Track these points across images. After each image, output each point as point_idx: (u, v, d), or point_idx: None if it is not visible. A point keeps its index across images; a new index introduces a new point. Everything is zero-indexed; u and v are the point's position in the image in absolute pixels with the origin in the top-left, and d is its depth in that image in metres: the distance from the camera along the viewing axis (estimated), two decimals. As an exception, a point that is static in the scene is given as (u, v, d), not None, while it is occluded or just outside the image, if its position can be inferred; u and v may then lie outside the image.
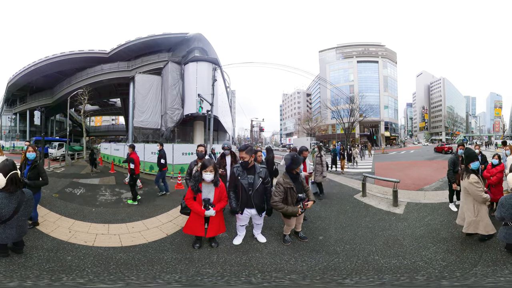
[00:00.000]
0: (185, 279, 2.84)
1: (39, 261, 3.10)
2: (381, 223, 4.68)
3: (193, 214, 3.55)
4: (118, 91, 31.76)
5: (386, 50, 60.43)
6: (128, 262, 3.20)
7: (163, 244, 3.79)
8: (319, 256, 3.39)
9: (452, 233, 4.03)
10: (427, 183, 8.65)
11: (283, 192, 3.43)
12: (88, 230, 4.37)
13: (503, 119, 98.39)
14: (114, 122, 68.60)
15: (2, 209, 2.72)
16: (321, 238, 4.01)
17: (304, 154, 5.25)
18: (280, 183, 3.49)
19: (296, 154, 3.93)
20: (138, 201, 6.28)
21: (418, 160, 18.48)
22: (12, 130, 38.22)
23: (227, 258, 3.31)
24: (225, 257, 3.34)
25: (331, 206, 5.87)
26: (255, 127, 56.78)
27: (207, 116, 15.28)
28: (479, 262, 3.06)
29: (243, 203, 3.56)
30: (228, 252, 3.50)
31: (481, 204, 3.52)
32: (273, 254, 3.46)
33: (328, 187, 8.26)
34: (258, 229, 3.91)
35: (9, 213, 2.76)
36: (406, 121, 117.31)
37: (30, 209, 3.10)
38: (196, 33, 25.42)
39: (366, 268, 3.06)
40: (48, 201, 6.05)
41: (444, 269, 2.96)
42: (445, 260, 3.16)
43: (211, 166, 3.40)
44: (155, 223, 4.79)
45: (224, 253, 3.46)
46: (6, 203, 2.76)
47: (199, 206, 3.41)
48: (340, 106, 44.28)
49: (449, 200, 5.49)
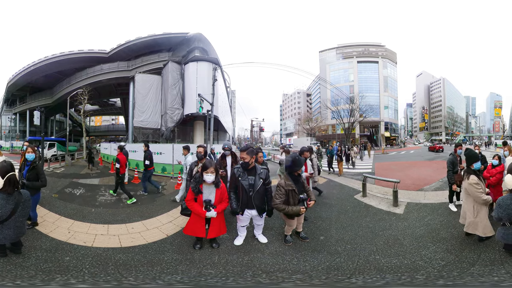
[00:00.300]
0: (188, 279, 2.82)
1: (36, 261, 3.10)
2: (382, 223, 4.70)
3: (193, 215, 3.53)
4: (118, 91, 31.74)
5: (386, 50, 60.45)
6: (127, 263, 3.19)
7: (163, 245, 3.77)
8: (321, 256, 3.39)
9: (451, 233, 4.06)
10: (427, 183, 8.66)
11: (284, 195, 3.43)
12: (88, 230, 4.36)
13: (503, 119, 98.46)
14: (114, 122, 68.59)
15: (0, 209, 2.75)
16: (322, 238, 4.03)
17: (305, 155, 5.20)
18: (282, 185, 3.48)
19: (297, 155, 3.91)
20: (137, 198, 6.30)
21: (418, 161, 18.46)
22: (12, 130, 38.21)
23: (228, 259, 3.30)
24: (226, 257, 3.34)
25: (332, 207, 5.87)
26: (255, 127, 56.80)
27: (207, 116, 15.28)
28: (477, 262, 3.10)
29: (243, 204, 3.56)
30: (230, 252, 3.49)
31: (481, 206, 3.53)
32: (275, 254, 3.46)
33: (329, 187, 8.28)
34: (259, 230, 3.91)
35: (7, 214, 2.79)
36: (406, 121, 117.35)
37: (27, 210, 3.12)
38: (197, 33, 25.40)
39: (368, 267, 3.06)
40: (48, 201, 6.04)
41: (443, 268, 2.99)
42: (444, 260, 3.19)
43: (212, 167, 3.39)
44: (155, 223, 4.78)
45: (226, 253, 3.45)
46: (3, 204, 2.79)
47: (200, 208, 3.39)
48: (340, 106, 44.25)
49: (449, 201, 5.50)
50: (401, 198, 6.08)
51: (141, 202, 6.37)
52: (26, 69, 30.45)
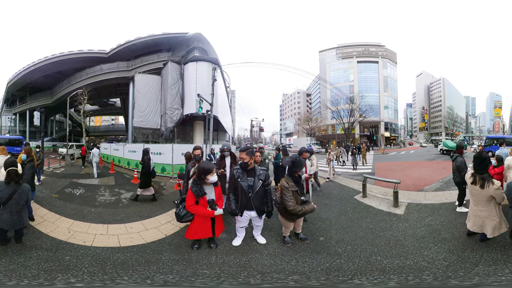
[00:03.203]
0: (179, 279, 2.83)
1: (38, 261, 3.14)
2: (382, 224, 4.68)
3: (197, 218, 3.48)
4: (118, 91, 31.74)
5: (386, 50, 60.49)
6: (125, 262, 3.22)
7: (161, 245, 3.79)
8: (321, 257, 3.37)
9: (452, 233, 4.04)
10: (427, 183, 8.64)
11: (292, 196, 3.41)
12: (87, 230, 4.39)
13: (502, 119, 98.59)
14: (114, 122, 68.55)
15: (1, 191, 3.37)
16: (322, 239, 4.00)
17: (304, 155, 5.13)
18: (286, 187, 3.44)
19: (297, 156, 3.88)
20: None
21: (418, 161, 18.43)
22: (12, 130, 38.18)
23: (226, 259, 3.30)
24: (223, 258, 3.34)
25: (332, 207, 5.84)
26: (255, 127, 56.82)
27: (207, 116, 15.28)
28: (480, 262, 3.09)
29: (242, 205, 3.55)
30: (227, 253, 3.49)
31: (498, 204, 3.47)
32: (273, 255, 3.44)
33: (328, 187, 8.24)
34: (258, 231, 3.90)
35: (5, 197, 3.38)
36: (406, 121, 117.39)
37: (23, 200, 3.54)
38: (196, 33, 25.39)
39: (370, 268, 3.05)
40: (48, 201, 6.07)
41: (447, 268, 2.99)
42: (447, 260, 3.18)
43: (214, 168, 3.47)
44: (154, 223, 4.80)
45: (223, 254, 3.46)
46: (4, 187, 3.45)
47: (205, 209, 3.39)
48: (340, 106, 44.29)
49: (458, 204, 5.25)
50: (401, 199, 6.03)
51: (140, 203, 6.39)
52: (26, 69, 30.47)
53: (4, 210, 3.37)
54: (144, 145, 12.73)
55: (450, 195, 6.41)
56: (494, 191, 3.35)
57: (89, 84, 26.45)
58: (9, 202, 3.38)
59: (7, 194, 3.39)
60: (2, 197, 3.37)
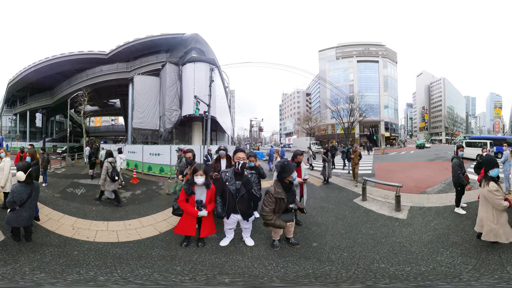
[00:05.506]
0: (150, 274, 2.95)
1: (53, 257, 3.38)
2: (384, 229, 4.45)
3: (185, 215, 3.75)
4: (118, 92, 31.99)
5: (386, 50, 60.50)
6: (122, 257, 3.50)
7: (155, 241, 4.05)
8: (308, 263, 3.22)
9: (462, 236, 3.92)
10: (429, 185, 8.33)
11: (273, 203, 3.30)
12: (89, 227, 4.71)
13: (503, 119, 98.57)
14: (114, 122, 68.79)
15: (21, 194, 3.66)
16: (315, 244, 3.82)
17: (298, 158, 4.78)
18: (271, 192, 3.33)
19: (286, 160, 3.69)
20: (134, 197, 6.56)
21: (418, 161, 17.99)
22: (12, 130, 38.46)
23: (206, 258, 3.36)
24: (205, 257, 3.40)
25: (329, 211, 5.57)
26: (255, 127, 56.87)
27: (204, 117, 15.47)
28: (506, 262, 3.02)
29: (229, 208, 3.57)
30: (212, 252, 3.54)
31: (501, 212, 3.42)
32: (255, 258, 3.39)
33: (327, 190, 8.02)
34: (247, 233, 3.90)
35: (26, 198, 3.69)
36: (406, 121, 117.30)
37: (37, 195, 4.02)
38: (193, 34, 25.47)
39: (371, 276, 2.89)
40: (51, 201, 6.38)
41: (476, 271, 2.85)
42: (468, 264, 3.06)
43: (201, 170, 3.63)
44: (150, 221, 5.12)
45: (207, 253, 3.52)
46: (24, 191, 3.73)
47: (192, 207, 3.63)
48: (340, 106, 44.24)
49: (455, 205, 5.27)
50: (403, 202, 5.74)
51: (138, 201, 6.69)
52: (26, 70, 30.73)
53: (23, 210, 3.65)
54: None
55: (454, 197, 6.09)
56: (486, 192, 3.43)
57: (89, 85, 26.72)
58: (28, 201, 3.70)
59: (27, 194, 3.70)
60: (24, 198, 3.66)
